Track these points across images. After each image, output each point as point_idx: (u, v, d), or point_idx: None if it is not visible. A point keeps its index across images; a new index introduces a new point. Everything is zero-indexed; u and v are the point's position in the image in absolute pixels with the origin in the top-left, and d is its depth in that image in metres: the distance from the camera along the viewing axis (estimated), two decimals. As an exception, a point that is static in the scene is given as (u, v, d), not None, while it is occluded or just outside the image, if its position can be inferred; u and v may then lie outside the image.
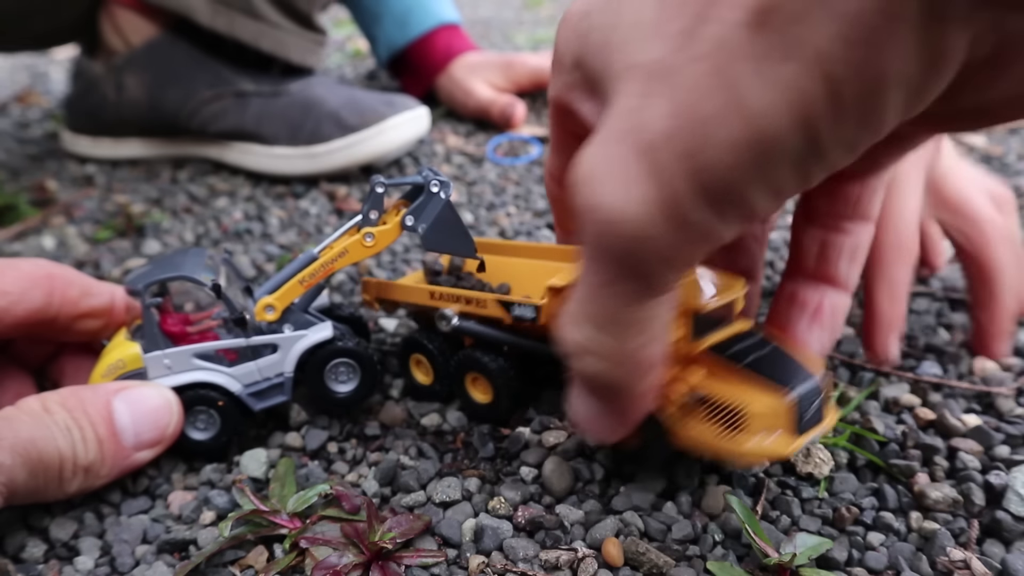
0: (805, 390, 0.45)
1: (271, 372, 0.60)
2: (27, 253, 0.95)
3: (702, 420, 0.46)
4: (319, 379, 0.61)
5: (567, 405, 0.45)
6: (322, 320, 0.62)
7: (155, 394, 0.56)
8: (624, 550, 0.49)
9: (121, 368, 0.58)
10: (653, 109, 0.30)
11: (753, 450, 0.45)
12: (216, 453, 0.60)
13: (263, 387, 0.60)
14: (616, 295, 0.35)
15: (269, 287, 0.60)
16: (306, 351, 0.60)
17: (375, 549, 0.48)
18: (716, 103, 0.28)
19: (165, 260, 0.61)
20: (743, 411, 0.45)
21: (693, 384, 0.47)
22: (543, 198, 1.04)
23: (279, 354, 0.60)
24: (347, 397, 0.62)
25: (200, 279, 0.56)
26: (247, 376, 0.60)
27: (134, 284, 0.57)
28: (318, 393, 0.61)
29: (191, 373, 0.58)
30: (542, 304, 0.55)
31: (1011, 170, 1.19)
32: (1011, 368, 0.67)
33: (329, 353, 0.60)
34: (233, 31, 1.14)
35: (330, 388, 0.61)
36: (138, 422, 0.54)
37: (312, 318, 0.62)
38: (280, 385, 0.61)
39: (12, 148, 1.36)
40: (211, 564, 0.50)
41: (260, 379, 0.60)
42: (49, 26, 1.18)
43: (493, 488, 0.56)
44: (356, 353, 0.61)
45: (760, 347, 0.48)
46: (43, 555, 0.52)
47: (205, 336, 0.61)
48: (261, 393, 0.60)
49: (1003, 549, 0.50)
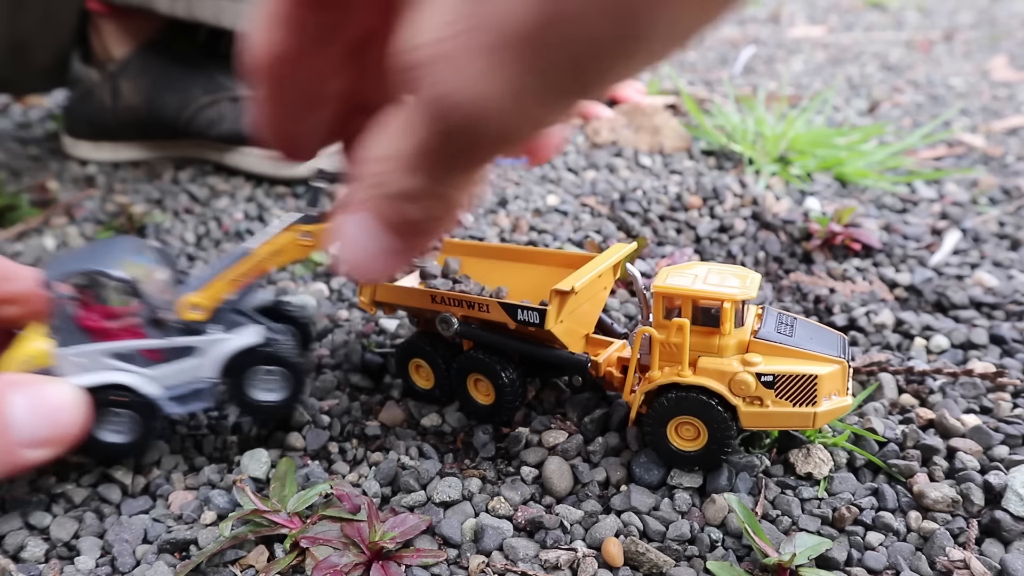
0: (846, 350, 0.54)
1: (192, 376, 0.56)
2: (29, 253, 0.95)
3: (776, 399, 0.52)
4: (240, 386, 0.56)
5: (334, 241, 0.40)
6: (255, 322, 0.57)
7: (58, 391, 0.51)
8: (624, 550, 0.49)
9: (28, 364, 0.54)
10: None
11: (828, 411, 0.52)
12: (128, 455, 0.56)
13: (184, 391, 0.56)
14: (455, 159, 0.35)
15: (196, 283, 0.56)
16: (230, 356, 0.55)
17: (375, 549, 0.48)
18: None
19: (87, 250, 0.56)
20: (813, 381, 0.51)
21: (760, 370, 0.52)
22: (543, 198, 1.04)
23: (200, 358, 0.55)
24: (271, 407, 0.57)
25: (115, 274, 0.52)
26: (167, 378, 0.55)
27: (48, 275, 0.53)
28: (238, 401, 0.57)
29: (104, 373, 0.54)
30: (547, 308, 0.55)
31: (1010, 170, 1.19)
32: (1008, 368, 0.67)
33: (254, 359, 0.55)
34: (192, 14, 1.13)
35: (252, 396, 0.57)
36: (34, 418, 0.50)
37: (245, 319, 0.58)
38: (202, 390, 0.56)
39: (13, 148, 1.36)
40: (212, 564, 0.50)
41: (180, 383, 0.55)
42: (49, 56, 1.17)
43: (493, 488, 0.56)
44: (285, 361, 0.56)
45: (788, 322, 0.56)
46: (44, 555, 0.52)
47: (127, 333, 0.55)
48: (183, 398, 0.56)
49: (1002, 549, 0.50)
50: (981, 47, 2.13)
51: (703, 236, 0.94)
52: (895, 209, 1.06)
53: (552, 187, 1.08)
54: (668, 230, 0.96)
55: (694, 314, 0.54)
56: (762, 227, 0.97)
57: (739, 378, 0.52)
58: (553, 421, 0.61)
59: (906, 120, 1.46)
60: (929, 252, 0.91)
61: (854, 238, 0.91)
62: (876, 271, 0.87)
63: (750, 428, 0.53)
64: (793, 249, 0.94)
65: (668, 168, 1.14)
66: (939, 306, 0.80)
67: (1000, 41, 2.19)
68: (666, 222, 0.97)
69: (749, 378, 0.52)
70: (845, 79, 1.80)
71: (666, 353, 0.55)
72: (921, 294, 0.82)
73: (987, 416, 0.62)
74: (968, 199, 1.08)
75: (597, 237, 0.93)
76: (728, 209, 0.99)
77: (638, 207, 0.99)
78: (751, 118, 1.28)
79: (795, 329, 0.55)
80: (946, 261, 0.89)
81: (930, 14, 2.68)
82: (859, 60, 2.03)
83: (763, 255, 0.92)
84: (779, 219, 0.97)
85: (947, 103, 1.58)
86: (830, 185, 1.13)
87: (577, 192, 1.05)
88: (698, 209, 0.99)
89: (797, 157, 1.17)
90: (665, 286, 0.54)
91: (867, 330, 0.75)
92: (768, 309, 0.57)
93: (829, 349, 0.53)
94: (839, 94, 1.66)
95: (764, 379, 0.52)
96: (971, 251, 0.92)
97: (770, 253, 0.92)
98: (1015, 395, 0.64)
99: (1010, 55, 2.00)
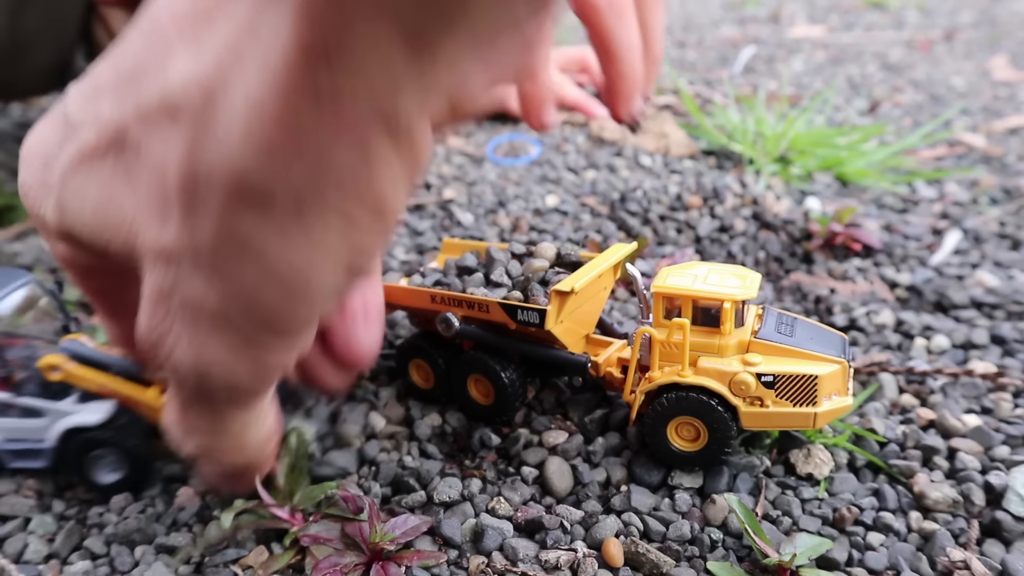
0: (847, 350, 0.54)
1: (33, 436, 0.55)
2: (27, 254, 0.95)
3: (777, 399, 0.52)
4: (79, 464, 0.55)
5: (195, 471, 0.49)
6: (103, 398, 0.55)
7: None
8: (624, 550, 0.49)
9: None
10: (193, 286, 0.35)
11: (828, 411, 0.52)
12: None
13: (23, 447, 0.55)
14: (205, 413, 0.41)
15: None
16: (68, 430, 0.54)
17: (376, 550, 0.48)
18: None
19: None
20: (813, 382, 0.51)
21: (760, 371, 0.52)
22: (543, 198, 1.04)
23: (46, 420, 0.55)
24: (108, 487, 0.56)
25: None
26: (10, 431, 0.55)
27: None
28: (78, 477, 0.56)
29: None
30: (547, 309, 0.55)
31: (1011, 170, 1.19)
32: (1008, 369, 0.67)
33: (91, 441, 0.54)
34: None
35: (90, 475, 0.56)
36: None
37: None
38: (40, 451, 0.55)
39: (12, 148, 1.36)
40: (211, 564, 0.50)
41: (21, 438, 0.55)
42: (52, 56, 1.16)
43: (494, 488, 0.56)
44: (121, 446, 0.55)
45: (788, 322, 0.56)
46: (43, 555, 0.52)
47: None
48: (20, 452, 0.56)
49: (1003, 549, 0.50)
50: (982, 46, 2.13)
51: (703, 236, 0.94)
52: (896, 209, 1.06)
53: (552, 187, 1.08)
54: (668, 230, 0.96)
55: (694, 314, 0.54)
56: (762, 227, 0.97)
57: (739, 378, 0.52)
58: (553, 421, 0.61)
59: (906, 120, 1.46)
60: (930, 252, 0.91)
61: (854, 238, 0.91)
62: (876, 271, 0.87)
63: (750, 428, 0.53)
64: (793, 249, 0.93)
65: (668, 168, 1.14)
66: (940, 306, 0.80)
67: (1001, 40, 2.19)
68: (666, 222, 0.97)
69: (749, 378, 0.52)
70: (845, 79, 1.80)
71: (666, 353, 0.54)
72: (922, 294, 0.82)
73: (988, 416, 0.62)
74: (969, 199, 1.08)
75: (597, 237, 0.92)
76: (728, 209, 0.99)
77: (638, 207, 0.99)
78: (751, 118, 1.28)
79: (795, 329, 0.55)
80: (947, 261, 0.89)
81: (930, 13, 2.67)
82: (859, 60, 2.03)
83: (763, 255, 0.92)
84: (779, 219, 0.97)
85: (948, 103, 1.58)
86: (830, 185, 1.13)
87: (577, 192, 1.05)
88: (698, 209, 0.99)
89: (797, 157, 1.17)
90: (665, 286, 0.54)
91: (867, 330, 0.75)
92: (768, 309, 0.57)
93: (830, 349, 0.53)
94: (839, 94, 1.66)
95: (764, 379, 0.52)
96: (972, 251, 0.92)
97: (770, 253, 0.92)
98: (1016, 395, 0.64)
99: (1011, 54, 2.00)
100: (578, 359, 0.58)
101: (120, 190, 0.36)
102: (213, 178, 0.31)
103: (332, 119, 0.29)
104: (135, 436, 0.55)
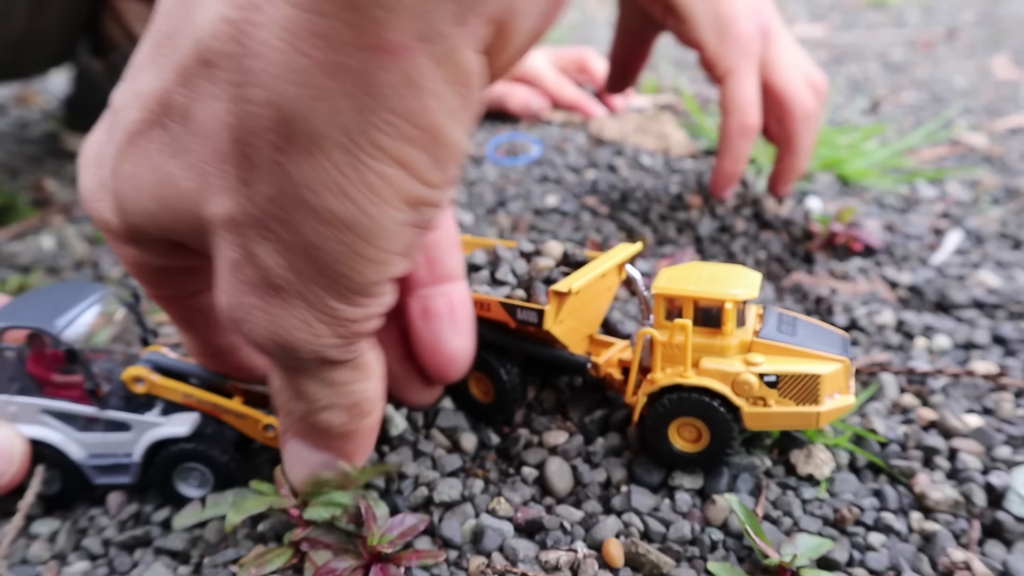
0: (848, 348, 0.54)
1: (119, 450, 0.54)
2: (26, 253, 0.95)
3: (779, 399, 0.52)
4: (166, 478, 0.54)
5: (285, 474, 0.49)
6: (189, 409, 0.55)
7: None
8: (624, 551, 0.49)
9: None
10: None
11: (831, 410, 0.52)
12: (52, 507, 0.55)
13: (109, 462, 0.54)
14: (307, 374, 0.41)
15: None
16: (155, 443, 0.54)
17: (374, 552, 0.48)
18: None
19: (38, 296, 0.55)
20: (816, 381, 0.51)
21: (763, 371, 0.52)
22: (543, 198, 1.04)
23: (131, 434, 0.54)
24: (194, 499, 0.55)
25: (59, 338, 0.51)
26: (95, 446, 0.54)
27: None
28: (161, 490, 0.55)
29: (33, 427, 0.53)
30: (546, 308, 0.55)
31: (1013, 170, 1.19)
32: (1010, 369, 0.67)
33: (178, 454, 0.53)
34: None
35: (176, 488, 0.55)
36: None
37: None
38: (127, 467, 0.55)
39: (11, 148, 1.36)
40: (211, 564, 0.49)
41: (107, 453, 0.54)
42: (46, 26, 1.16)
43: (495, 489, 0.55)
44: (209, 459, 0.54)
45: (790, 322, 0.56)
46: (43, 555, 0.52)
47: (67, 388, 0.54)
48: (107, 468, 0.55)
49: (1004, 550, 0.50)
50: (983, 46, 2.13)
51: (703, 236, 0.94)
52: (897, 209, 1.06)
53: (552, 187, 1.07)
54: (668, 230, 0.95)
55: (695, 315, 0.54)
56: (763, 227, 0.97)
57: (742, 379, 0.52)
58: (554, 421, 0.61)
59: (908, 119, 1.46)
60: (931, 252, 0.91)
61: (855, 238, 0.91)
62: (877, 271, 0.87)
63: (753, 429, 0.53)
64: (794, 249, 0.93)
65: (669, 168, 1.14)
66: (941, 306, 0.80)
67: (1002, 40, 2.18)
68: (666, 222, 0.97)
69: (752, 378, 0.52)
70: (846, 78, 1.80)
71: (668, 354, 0.54)
72: (923, 294, 0.82)
73: (989, 416, 0.61)
74: (970, 199, 1.07)
75: (597, 237, 0.92)
76: (729, 209, 0.99)
77: (638, 207, 0.99)
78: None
79: (797, 328, 0.55)
80: (948, 261, 0.89)
81: (932, 12, 2.67)
82: (861, 59, 2.02)
83: (764, 255, 0.92)
84: (780, 219, 0.97)
85: (949, 102, 1.58)
86: (831, 185, 1.13)
87: (577, 192, 1.05)
88: (699, 209, 0.99)
89: (798, 156, 1.17)
90: (666, 287, 0.54)
91: (868, 330, 0.75)
92: (769, 309, 0.57)
93: (831, 348, 0.53)
94: (840, 93, 1.66)
95: (767, 379, 0.52)
96: (973, 251, 0.92)
97: (771, 253, 0.92)
98: (1017, 395, 0.64)
99: (1013, 54, 2.00)
100: (578, 359, 0.58)
101: (173, 165, 0.35)
102: (259, 122, 0.30)
103: (369, 40, 0.27)
104: (221, 447, 0.54)
